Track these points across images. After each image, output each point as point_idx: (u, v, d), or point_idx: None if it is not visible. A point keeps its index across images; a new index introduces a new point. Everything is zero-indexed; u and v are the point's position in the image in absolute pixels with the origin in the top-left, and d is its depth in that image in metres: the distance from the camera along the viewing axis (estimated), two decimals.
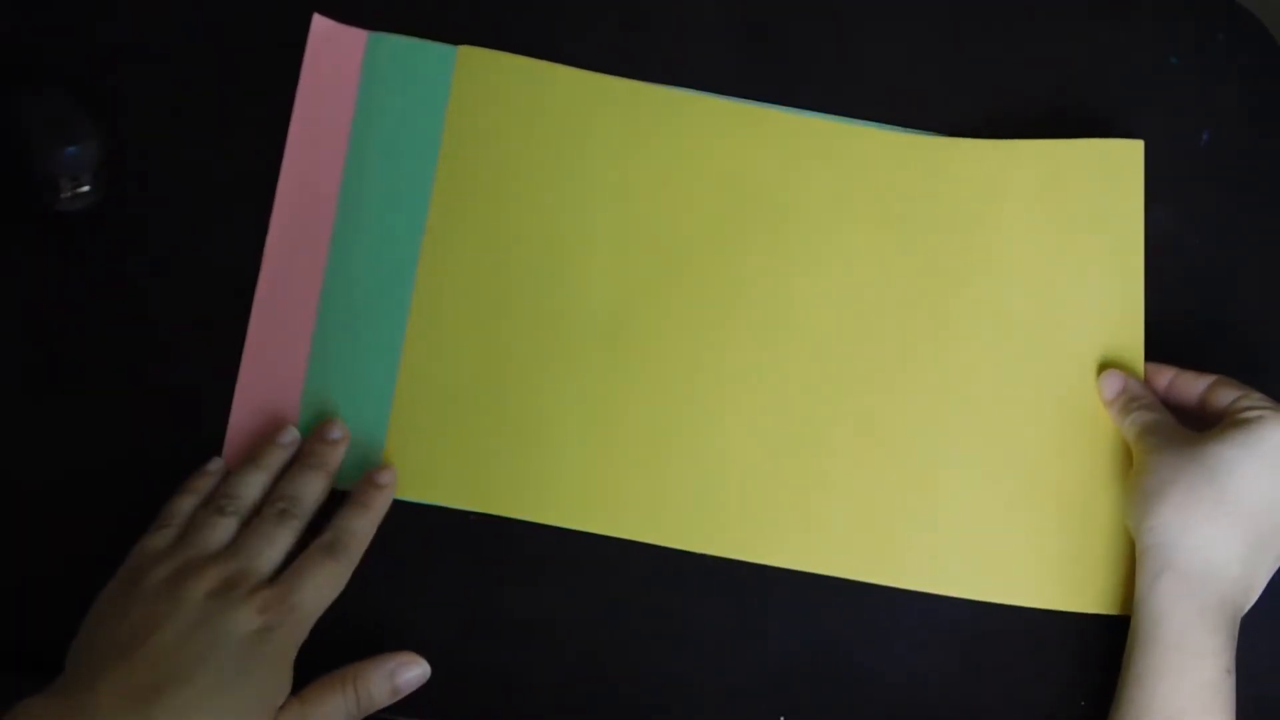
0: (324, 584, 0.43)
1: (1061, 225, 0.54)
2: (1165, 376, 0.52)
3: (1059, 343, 0.52)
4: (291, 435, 0.47)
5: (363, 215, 0.51)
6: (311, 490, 0.46)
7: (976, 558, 0.50)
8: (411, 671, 0.44)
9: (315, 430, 0.48)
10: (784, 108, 0.54)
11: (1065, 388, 0.52)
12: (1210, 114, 0.58)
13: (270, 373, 0.48)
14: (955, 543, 0.50)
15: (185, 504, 0.45)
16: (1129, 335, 0.53)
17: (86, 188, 0.48)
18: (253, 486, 0.46)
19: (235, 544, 0.43)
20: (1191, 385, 0.51)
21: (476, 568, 0.48)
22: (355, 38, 0.52)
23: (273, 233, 0.50)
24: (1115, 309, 0.53)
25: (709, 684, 0.47)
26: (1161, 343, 0.53)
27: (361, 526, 0.46)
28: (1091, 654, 0.49)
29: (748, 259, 0.52)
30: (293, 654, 0.42)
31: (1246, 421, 0.47)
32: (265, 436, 0.47)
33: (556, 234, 0.51)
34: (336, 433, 0.47)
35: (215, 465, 0.47)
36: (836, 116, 0.55)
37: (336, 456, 0.47)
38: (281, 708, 0.41)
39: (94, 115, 0.48)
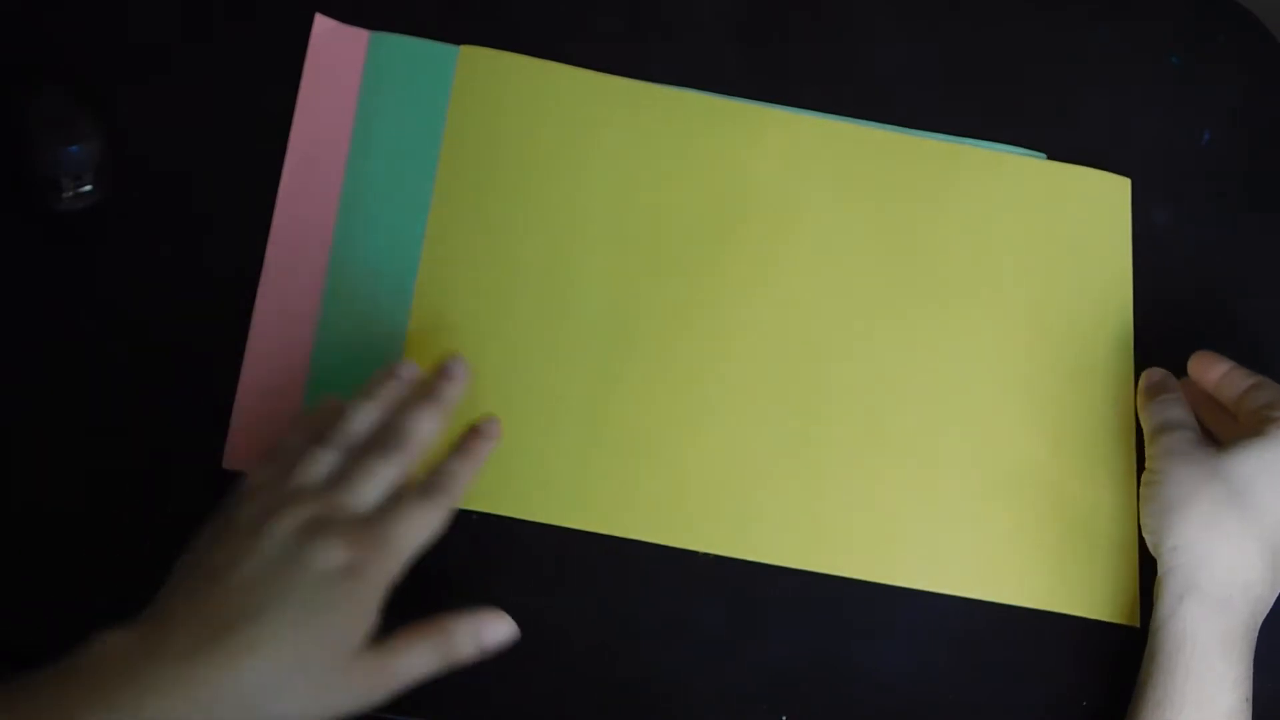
0: (418, 523, 0.42)
1: (1054, 243, 0.54)
2: (1220, 369, 0.50)
3: (1054, 349, 0.53)
4: (410, 369, 0.46)
5: (364, 214, 0.51)
6: (425, 425, 0.44)
7: (975, 557, 0.50)
8: (499, 630, 0.42)
9: (438, 366, 0.46)
10: (784, 107, 0.54)
11: (1062, 391, 0.52)
12: (1210, 114, 0.58)
13: (272, 372, 0.48)
14: (954, 542, 0.50)
15: (294, 439, 0.44)
16: (1120, 351, 0.53)
17: (88, 187, 0.48)
18: (362, 419, 0.44)
19: (336, 478, 0.42)
20: (1238, 382, 0.49)
21: (476, 568, 0.48)
22: (357, 37, 0.53)
23: (275, 232, 0.50)
24: (1107, 326, 0.54)
25: (709, 683, 0.47)
26: (1162, 342, 0.53)
27: (462, 470, 0.44)
28: (1092, 654, 0.50)
29: (748, 258, 0.52)
30: (380, 594, 0.40)
31: (1264, 434, 0.46)
32: (381, 372, 0.46)
33: (557, 232, 0.51)
34: (459, 370, 0.46)
35: (331, 403, 0.45)
36: (836, 116, 0.55)
37: (455, 393, 0.45)
38: (362, 651, 0.39)
39: (95, 114, 0.48)
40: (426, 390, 0.45)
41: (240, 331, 0.48)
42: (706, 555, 0.49)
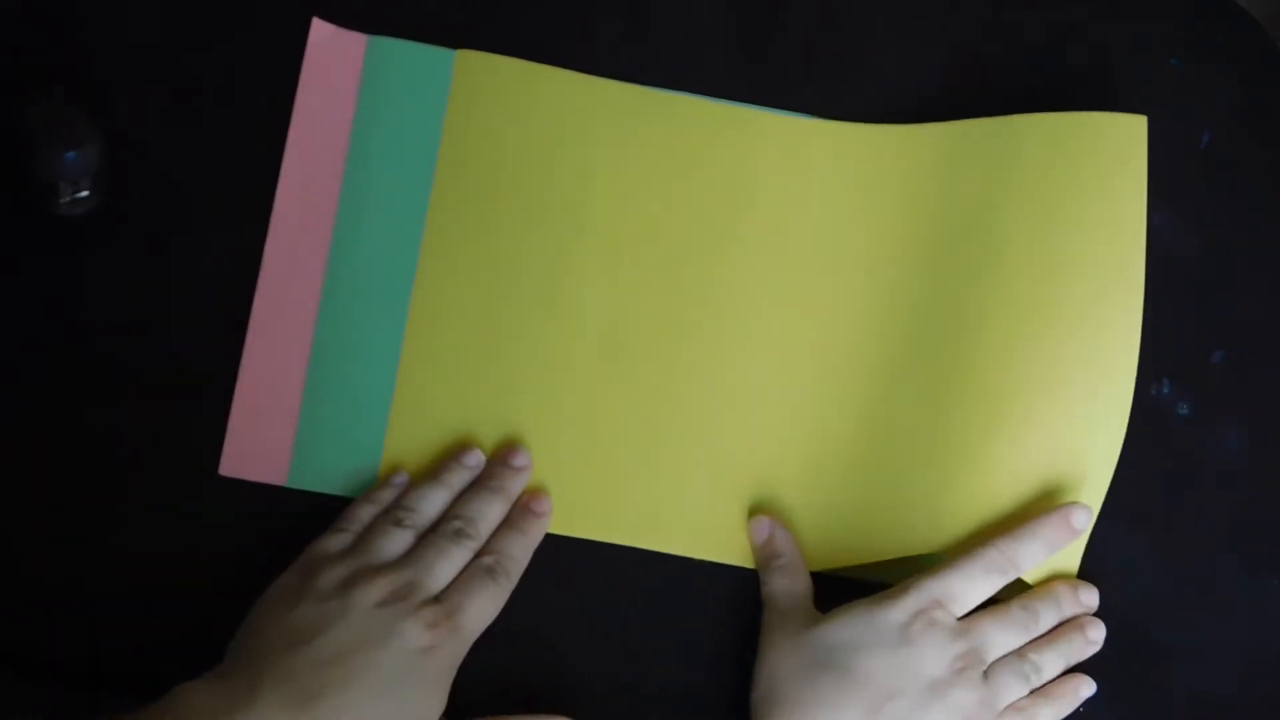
0: (487, 606, 0.44)
1: (1064, 200, 0.52)
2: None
3: (1057, 340, 0.51)
4: (476, 458, 0.48)
5: (362, 218, 0.51)
6: (489, 512, 0.46)
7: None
8: None
9: (499, 454, 0.48)
10: (782, 111, 0.54)
11: (1066, 382, 0.51)
12: (1210, 115, 0.58)
13: (270, 375, 0.49)
14: (959, 545, 0.50)
15: (365, 511, 0.46)
16: (1127, 333, 0.51)
17: (86, 192, 0.48)
18: (433, 503, 0.46)
19: (409, 557, 0.44)
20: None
21: None
22: (355, 41, 0.53)
23: (272, 236, 0.50)
24: (1115, 291, 0.51)
25: (709, 687, 0.48)
26: (1161, 343, 0.53)
27: (520, 551, 0.46)
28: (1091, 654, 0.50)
29: (746, 262, 0.52)
30: (452, 674, 0.42)
31: (852, 607, 0.46)
32: (449, 455, 0.48)
33: (555, 236, 0.51)
34: (521, 460, 0.48)
35: (399, 479, 0.47)
36: (836, 120, 0.54)
37: (519, 483, 0.47)
38: None
39: (93, 119, 0.48)
40: (491, 479, 0.47)
41: (238, 336, 0.49)
42: (706, 561, 0.49)
